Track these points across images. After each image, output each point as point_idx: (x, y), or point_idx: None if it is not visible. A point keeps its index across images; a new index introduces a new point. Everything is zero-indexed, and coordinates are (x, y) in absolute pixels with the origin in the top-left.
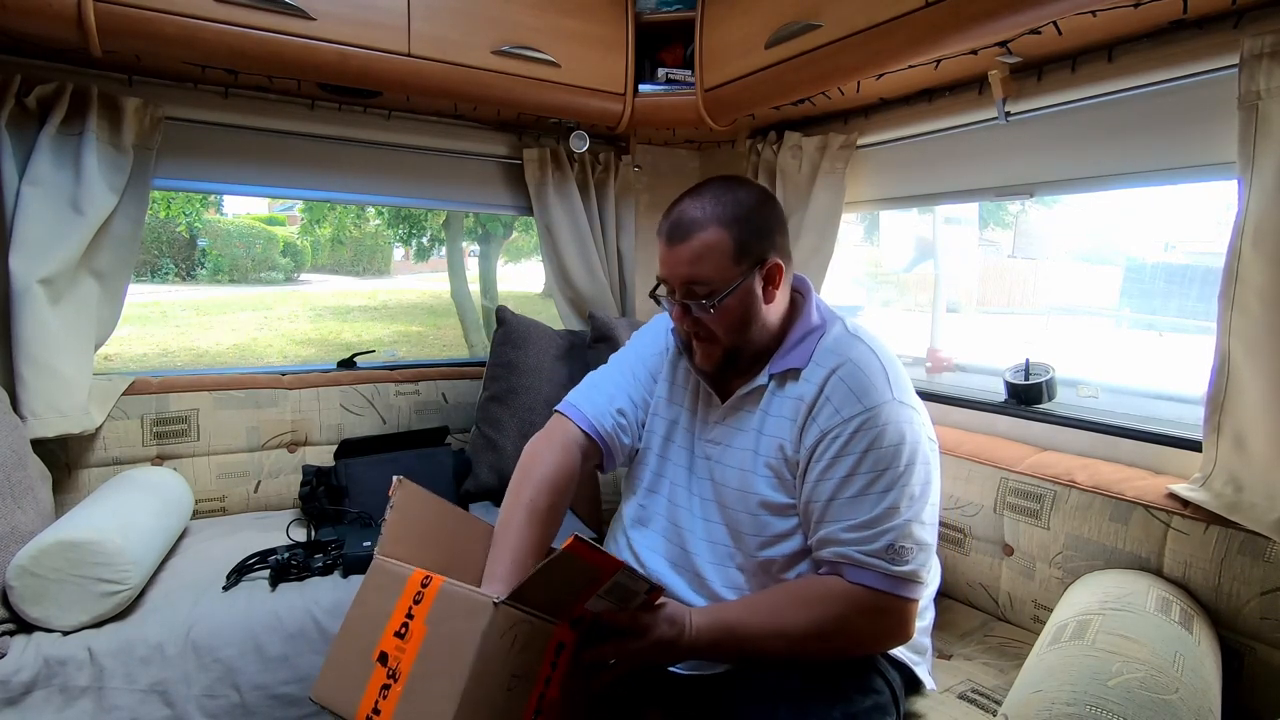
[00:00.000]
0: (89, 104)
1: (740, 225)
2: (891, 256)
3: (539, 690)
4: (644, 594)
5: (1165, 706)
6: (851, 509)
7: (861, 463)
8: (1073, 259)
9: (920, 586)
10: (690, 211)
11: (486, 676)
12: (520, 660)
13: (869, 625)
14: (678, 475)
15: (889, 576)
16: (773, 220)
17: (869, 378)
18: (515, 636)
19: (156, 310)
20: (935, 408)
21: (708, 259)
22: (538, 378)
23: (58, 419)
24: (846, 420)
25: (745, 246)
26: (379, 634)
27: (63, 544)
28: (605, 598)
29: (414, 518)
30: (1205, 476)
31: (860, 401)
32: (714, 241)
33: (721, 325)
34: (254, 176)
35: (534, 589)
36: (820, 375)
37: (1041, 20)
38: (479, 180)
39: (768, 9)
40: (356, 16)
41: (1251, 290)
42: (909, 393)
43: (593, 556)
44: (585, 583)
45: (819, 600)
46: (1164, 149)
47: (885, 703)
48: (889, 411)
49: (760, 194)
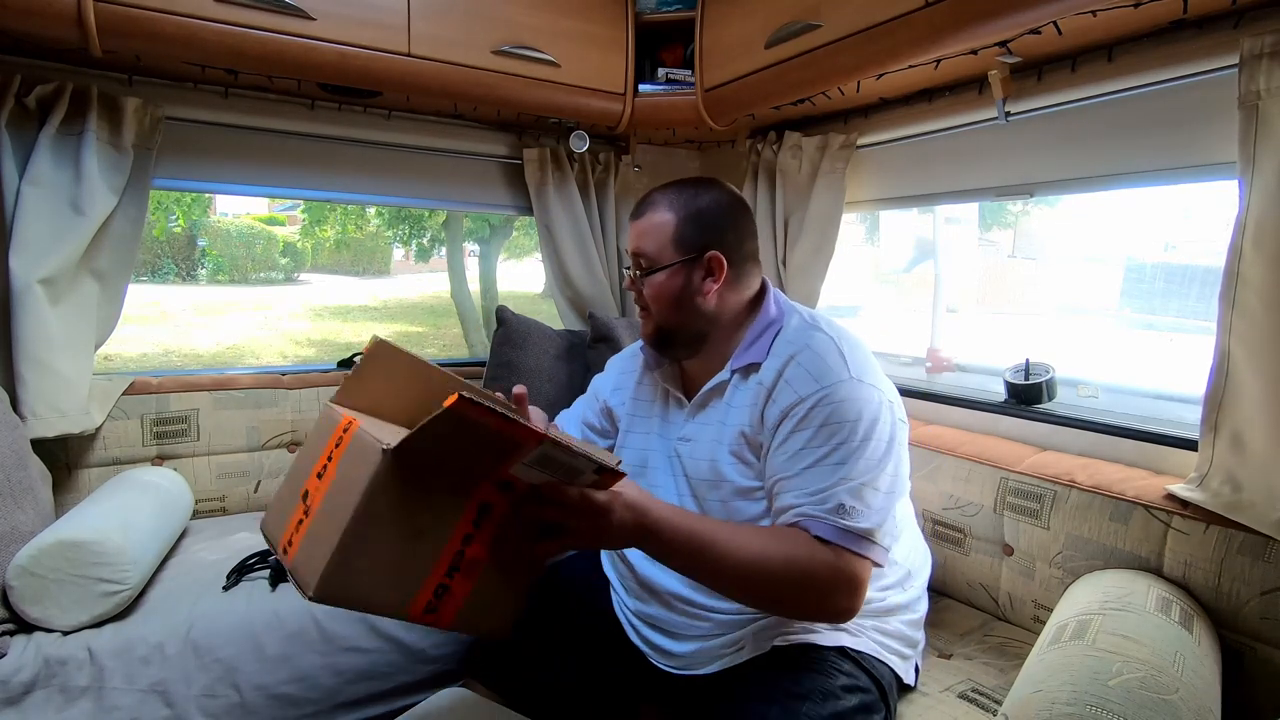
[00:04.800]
0: (89, 104)
1: (689, 214)
2: (891, 256)
3: (455, 547)
4: (592, 473)
5: (1165, 706)
6: (807, 479)
7: (817, 436)
8: (1073, 259)
9: (875, 548)
10: (655, 194)
11: (377, 520)
12: (422, 511)
13: (821, 576)
14: (657, 477)
15: (841, 530)
16: (728, 221)
17: (825, 360)
18: (409, 486)
19: (156, 310)
20: (935, 408)
21: (651, 235)
22: (538, 378)
23: (58, 419)
24: (804, 398)
25: (687, 233)
26: (308, 473)
27: (63, 544)
28: (537, 468)
29: (385, 372)
30: (1201, 476)
31: (817, 381)
32: (661, 221)
33: (653, 299)
34: (254, 176)
35: (421, 442)
36: (778, 364)
37: (1041, 20)
38: (479, 180)
39: (768, 9)
40: (356, 16)
41: (1252, 290)
42: (870, 372)
43: (486, 417)
44: (495, 447)
45: (783, 538)
46: (1164, 149)
47: (873, 701)
48: (846, 389)
49: (726, 197)
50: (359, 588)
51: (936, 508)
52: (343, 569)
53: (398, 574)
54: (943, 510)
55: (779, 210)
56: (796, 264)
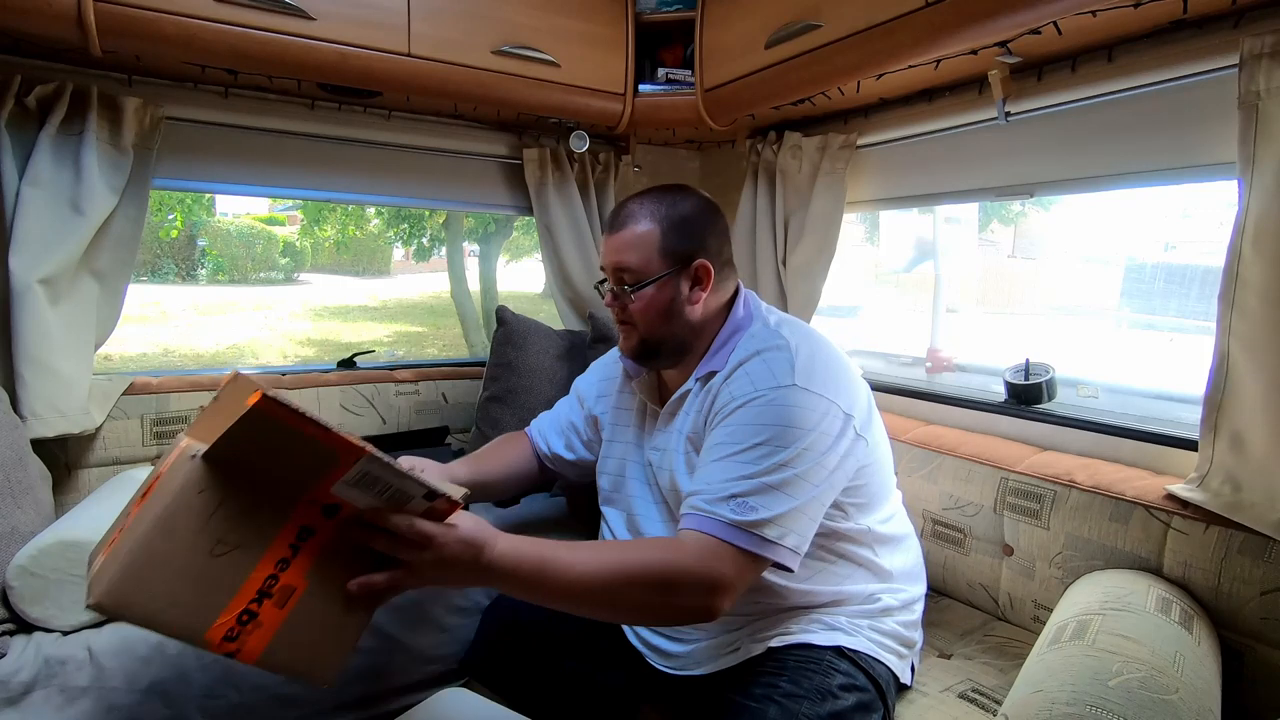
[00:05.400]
0: (89, 104)
1: (672, 223)
2: (891, 256)
3: (267, 570)
4: (423, 498)
5: (1165, 706)
6: (713, 470)
7: (738, 431)
8: (1073, 259)
9: (769, 545)
10: (630, 205)
11: (178, 532)
12: (229, 526)
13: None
14: (633, 488)
15: (725, 523)
16: (708, 226)
17: (770, 368)
18: (215, 497)
19: (156, 310)
20: (935, 408)
21: (636, 247)
22: (538, 378)
23: (58, 419)
24: (735, 398)
25: (673, 242)
26: (138, 498)
27: (63, 544)
28: (361, 489)
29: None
30: (1201, 476)
31: (754, 385)
32: (644, 232)
33: (641, 313)
34: (254, 176)
35: (230, 447)
36: (728, 370)
37: (1041, 20)
38: (479, 180)
39: (768, 9)
40: (356, 16)
41: (1251, 290)
42: (824, 383)
43: (293, 419)
44: (310, 458)
45: (647, 547)
46: (1164, 149)
47: (871, 700)
48: (784, 394)
49: (702, 202)
50: (148, 602)
51: (936, 508)
52: (131, 579)
53: (196, 593)
54: (943, 510)
55: (779, 210)
56: (797, 265)
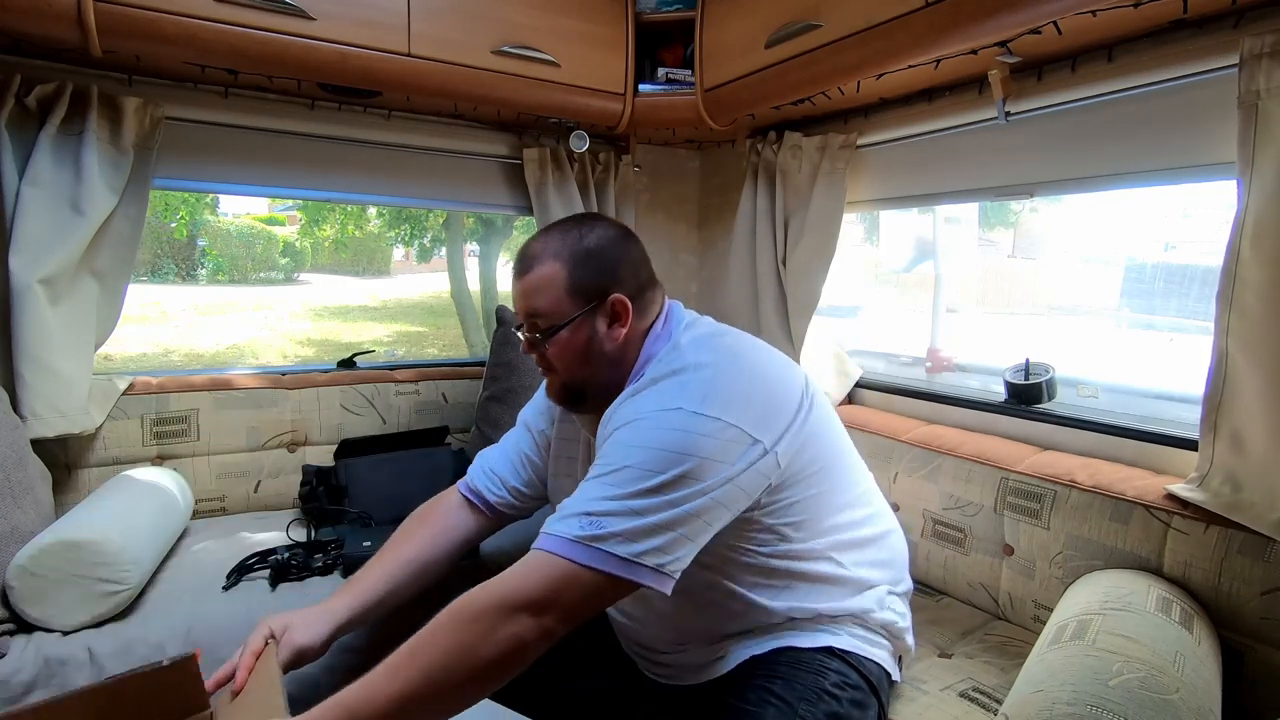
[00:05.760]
0: (89, 104)
1: (578, 259)
2: (891, 256)
3: None
4: None
5: (1165, 706)
6: (579, 491)
7: (610, 454)
8: (1073, 259)
9: (621, 562)
10: (533, 246)
11: None
12: None
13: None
14: None
15: (568, 540)
16: (619, 257)
17: (661, 393)
18: None
19: (156, 310)
20: (935, 408)
21: (543, 290)
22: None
23: (58, 419)
24: (617, 424)
25: (581, 279)
26: None
27: (63, 544)
28: None
29: None
30: (1201, 476)
31: (637, 410)
32: (549, 273)
33: (558, 358)
34: (254, 176)
35: None
36: (624, 397)
37: (1041, 20)
38: (479, 180)
39: (768, 9)
40: (356, 16)
41: (1250, 290)
42: (725, 406)
43: None
44: None
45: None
46: (1164, 149)
47: (864, 697)
48: (669, 418)
49: (610, 231)
50: None
51: (937, 508)
52: None
53: None
54: (943, 510)
55: (779, 210)
56: (797, 265)
